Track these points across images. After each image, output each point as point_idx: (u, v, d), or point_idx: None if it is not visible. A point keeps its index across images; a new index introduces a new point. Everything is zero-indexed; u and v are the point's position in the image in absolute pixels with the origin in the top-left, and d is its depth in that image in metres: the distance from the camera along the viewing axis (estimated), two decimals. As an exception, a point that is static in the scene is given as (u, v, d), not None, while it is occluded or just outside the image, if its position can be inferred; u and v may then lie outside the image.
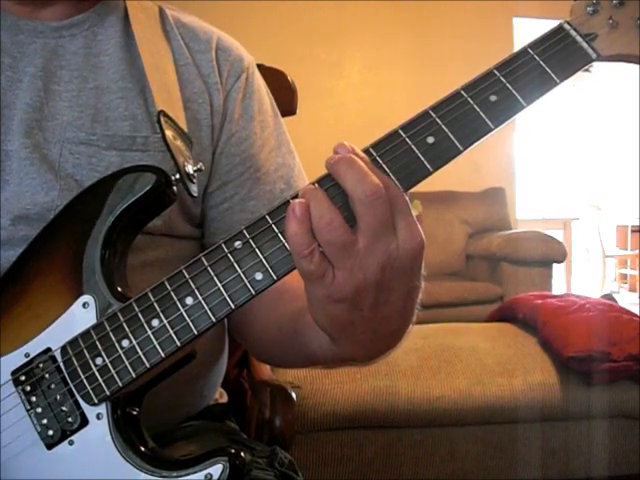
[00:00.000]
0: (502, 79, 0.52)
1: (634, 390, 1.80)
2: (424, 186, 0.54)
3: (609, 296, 2.39)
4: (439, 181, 1.67)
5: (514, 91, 0.52)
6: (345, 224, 0.48)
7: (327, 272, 0.48)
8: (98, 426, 0.55)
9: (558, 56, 0.53)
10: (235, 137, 0.77)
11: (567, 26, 0.53)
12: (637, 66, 0.57)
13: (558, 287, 3.73)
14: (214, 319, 0.53)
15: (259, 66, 0.85)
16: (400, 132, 0.52)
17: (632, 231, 6.32)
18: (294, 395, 1.01)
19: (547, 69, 0.52)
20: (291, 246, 0.48)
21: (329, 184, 0.50)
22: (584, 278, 6.00)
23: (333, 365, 0.63)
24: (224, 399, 0.90)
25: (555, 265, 2.92)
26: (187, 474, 0.53)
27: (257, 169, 0.78)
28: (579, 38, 0.53)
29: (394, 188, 0.49)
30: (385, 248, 0.48)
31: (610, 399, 1.80)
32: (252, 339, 0.78)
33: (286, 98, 1.05)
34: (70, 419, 0.55)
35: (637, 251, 6.02)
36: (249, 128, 0.78)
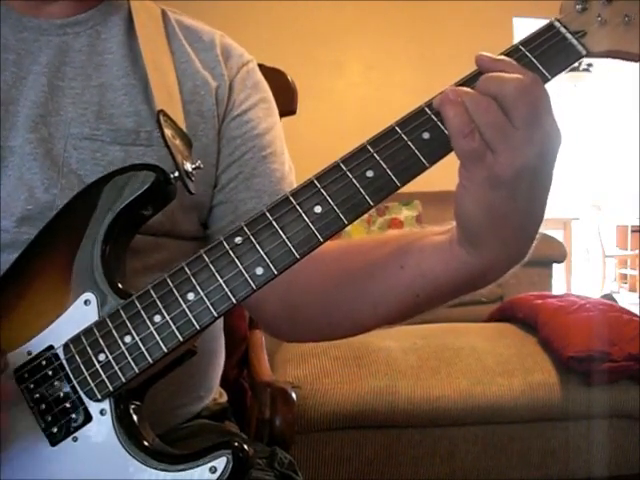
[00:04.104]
0: None
1: (634, 390, 1.81)
2: (424, 186, 0.55)
3: (609, 296, 2.39)
4: (439, 181, 1.67)
5: None
6: (500, 109, 0.50)
7: (487, 153, 0.50)
8: (102, 422, 0.55)
9: (549, 53, 0.54)
10: (236, 121, 0.78)
11: (557, 23, 0.55)
12: (636, 66, 0.57)
13: (558, 287, 3.71)
14: (215, 314, 0.54)
15: (259, 66, 0.85)
16: (396, 129, 0.53)
17: (632, 231, 6.32)
18: (294, 395, 1.01)
19: (539, 65, 0.53)
20: (451, 129, 0.50)
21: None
22: (584, 278, 5.99)
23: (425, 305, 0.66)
24: (224, 399, 0.90)
25: (555, 265, 2.91)
26: (191, 467, 0.53)
27: (261, 149, 0.78)
28: (569, 35, 0.54)
29: (539, 82, 0.51)
30: (543, 134, 0.50)
31: (610, 399, 1.80)
32: (299, 302, 0.72)
33: (286, 98, 1.05)
34: (74, 415, 0.55)
35: (637, 251, 6.02)
36: (251, 113, 0.79)
